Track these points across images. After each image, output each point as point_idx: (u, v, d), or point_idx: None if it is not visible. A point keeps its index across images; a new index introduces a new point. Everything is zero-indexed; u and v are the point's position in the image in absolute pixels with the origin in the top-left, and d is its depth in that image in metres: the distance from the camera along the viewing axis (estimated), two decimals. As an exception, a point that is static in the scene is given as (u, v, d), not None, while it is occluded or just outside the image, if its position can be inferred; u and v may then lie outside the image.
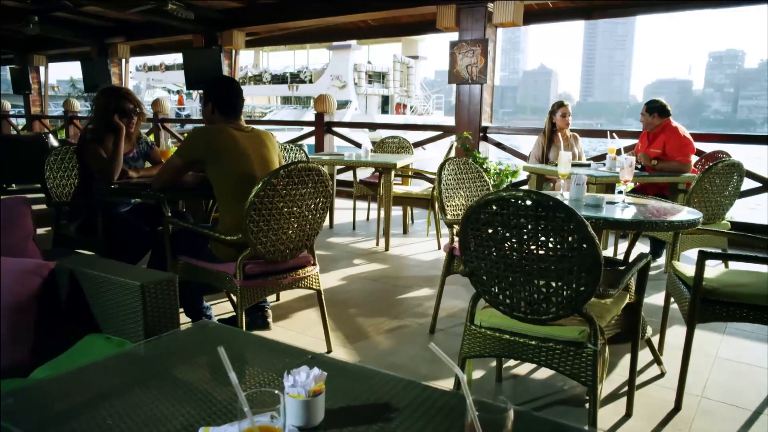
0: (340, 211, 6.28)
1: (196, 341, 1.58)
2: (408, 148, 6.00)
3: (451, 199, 3.03)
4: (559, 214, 1.65)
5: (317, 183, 2.50)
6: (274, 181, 2.33)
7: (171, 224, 2.70)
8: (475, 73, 6.72)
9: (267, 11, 8.70)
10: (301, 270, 2.65)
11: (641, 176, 4.29)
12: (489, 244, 1.81)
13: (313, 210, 2.56)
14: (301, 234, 2.57)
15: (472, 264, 1.90)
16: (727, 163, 3.61)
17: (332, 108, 8.45)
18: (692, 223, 2.23)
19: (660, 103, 4.59)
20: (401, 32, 10.45)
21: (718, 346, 2.94)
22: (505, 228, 1.75)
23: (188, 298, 2.79)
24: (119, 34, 10.92)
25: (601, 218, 2.18)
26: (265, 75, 31.84)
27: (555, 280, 1.74)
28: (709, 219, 3.71)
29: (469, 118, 6.89)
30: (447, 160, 3.08)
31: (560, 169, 2.66)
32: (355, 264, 4.44)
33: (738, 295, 2.21)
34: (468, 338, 2.01)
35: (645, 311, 3.45)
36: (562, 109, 4.97)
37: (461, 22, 6.79)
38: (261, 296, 2.52)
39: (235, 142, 2.56)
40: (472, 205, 1.79)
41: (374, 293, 3.75)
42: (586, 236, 1.65)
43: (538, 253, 1.73)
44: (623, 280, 1.86)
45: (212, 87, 2.69)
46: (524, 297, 1.82)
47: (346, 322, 3.23)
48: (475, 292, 1.96)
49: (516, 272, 1.80)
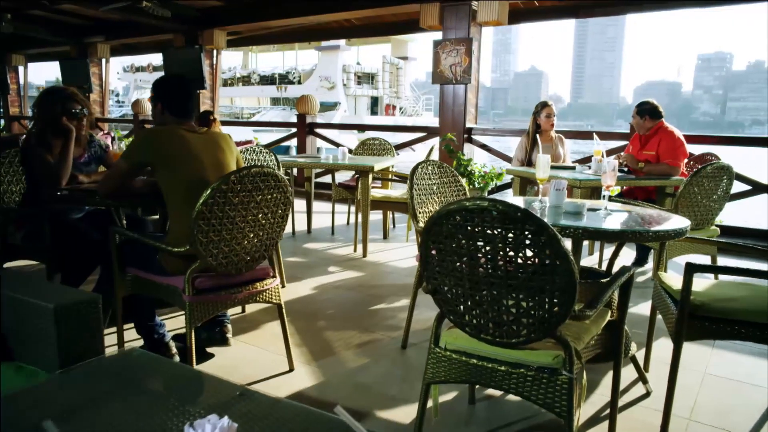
0: (320, 215, 6.07)
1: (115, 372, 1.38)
2: (390, 150, 5.80)
3: (425, 204, 2.84)
4: (528, 226, 1.46)
5: (274, 189, 2.30)
6: (224, 187, 2.13)
7: (117, 234, 2.49)
8: (459, 73, 6.54)
9: (248, 10, 8.50)
10: (258, 283, 2.45)
11: (628, 180, 4.12)
12: (453, 259, 1.62)
13: (270, 218, 2.36)
14: (258, 244, 2.36)
15: (435, 281, 1.70)
16: (716, 166, 3.45)
17: (314, 109, 8.24)
18: (679, 232, 2.05)
19: (651, 105, 4.41)
20: (386, 31, 10.28)
21: (707, 362, 2.76)
22: (470, 241, 1.56)
23: (138, 313, 2.58)
24: (98, 34, 10.67)
25: (581, 228, 1.99)
26: (254, 76, 31.52)
27: (526, 299, 1.55)
28: (698, 224, 3.55)
29: (453, 119, 6.72)
30: (420, 164, 2.89)
31: (538, 173, 2.47)
32: (329, 272, 4.24)
33: (729, 310, 2.04)
34: (432, 362, 1.82)
35: (630, 322, 3.27)
36: (547, 109, 4.80)
37: (445, 20, 6.62)
38: (212, 312, 2.31)
39: (187, 145, 2.36)
40: (432, 215, 1.60)
41: (347, 303, 3.55)
42: (558, 251, 1.46)
43: (506, 270, 1.54)
44: (602, 298, 1.67)
45: (161, 86, 2.48)
46: (492, 318, 1.62)
47: (314, 336, 3.02)
48: (439, 311, 1.77)
49: (483, 291, 1.60)
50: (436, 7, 6.63)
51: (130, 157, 2.37)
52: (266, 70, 31.97)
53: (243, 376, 2.52)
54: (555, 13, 7.23)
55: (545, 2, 7.03)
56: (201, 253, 2.17)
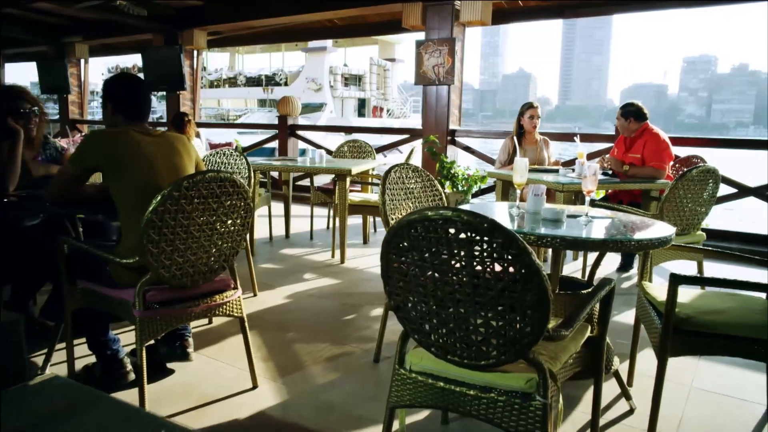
0: (300, 219, 5.91)
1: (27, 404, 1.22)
2: (370, 152, 5.66)
3: (398, 210, 2.69)
4: (496, 238, 1.32)
5: (233, 195, 2.15)
6: (175, 194, 1.97)
7: (65, 243, 2.31)
8: (442, 73, 6.41)
9: (228, 9, 8.32)
10: (218, 296, 2.29)
11: (612, 183, 4.01)
12: (415, 274, 1.48)
13: (229, 226, 2.20)
14: (216, 254, 2.21)
15: (397, 297, 1.56)
16: (702, 169, 3.33)
17: (296, 111, 8.09)
18: (663, 241, 1.92)
19: (636, 107, 4.29)
20: (369, 32, 10.15)
21: (694, 374, 2.64)
22: (434, 255, 1.42)
23: (90, 328, 2.41)
24: (77, 33, 10.43)
25: (558, 237, 1.85)
26: (240, 77, 31.22)
27: (495, 318, 1.41)
28: (684, 229, 3.44)
29: (436, 121, 6.59)
30: (394, 167, 2.74)
31: (516, 178, 2.33)
32: (305, 279, 4.08)
33: (716, 324, 1.91)
34: (396, 384, 1.67)
35: (614, 332, 3.16)
36: (531, 110, 4.67)
37: (428, 20, 6.49)
38: (166, 328, 2.14)
39: (138, 148, 2.20)
40: (392, 225, 1.45)
41: (320, 313, 3.40)
42: (529, 266, 1.32)
43: (473, 286, 1.40)
44: (579, 316, 1.53)
45: (111, 86, 2.31)
46: (459, 338, 1.48)
47: (282, 349, 2.87)
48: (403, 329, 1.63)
49: (449, 308, 1.46)
50: (418, 6, 6.50)
51: (77, 161, 2.20)
52: (252, 71, 31.69)
53: (202, 395, 2.35)
54: (540, 13, 7.12)
55: (530, 2, 6.92)
56: (152, 265, 2.01)
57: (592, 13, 6.76)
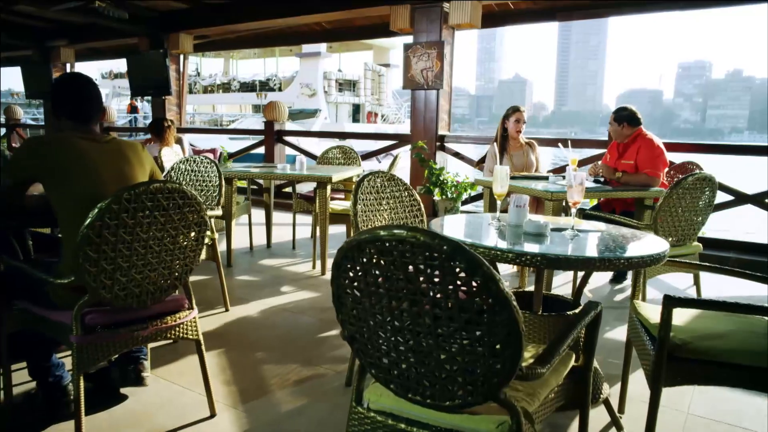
0: (284, 228, 5.71)
1: None
2: (355, 159, 5.46)
3: (371, 221, 2.50)
4: (458, 263, 1.12)
5: (183, 208, 1.95)
6: (115, 207, 1.77)
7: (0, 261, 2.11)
8: (430, 77, 6.24)
9: (214, 13, 8.14)
10: (169, 317, 2.09)
11: (603, 191, 3.82)
12: (371, 301, 1.28)
13: (181, 241, 2.01)
14: (166, 273, 2.01)
15: (351, 326, 1.36)
16: (698, 177, 3.16)
17: (283, 116, 7.89)
18: (655, 259, 1.73)
19: (629, 111, 4.11)
20: (358, 35, 9.98)
21: (690, 399, 2.44)
22: (389, 280, 1.22)
23: (30, 352, 2.20)
24: (61, 37, 10.23)
25: (539, 255, 1.66)
26: (234, 83, 30.97)
27: (460, 353, 1.22)
28: (679, 240, 3.26)
29: (425, 126, 6.41)
30: (367, 175, 2.55)
31: (496, 188, 2.14)
32: (282, 292, 3.88)
33: (715, 351, 1.72)
34: (354, 424, 1.47)
35: (605, 350, 2.96)
36: (517, 114, 4.48)
37: (416, 23, 6.32)
38: (108, 355, 1.94)
39: (81, 155, 2.00)
40: (342, 246, 1.26)
41: (294, 330, 3.20)
42: (497, 296, 1.12)
43: (435, 317, 1.20)
44: (559, 350, 1.34)
45: (57, 87, 2.12)
46: (421, 374, 1.29)
47: (249, 370, 2.66)
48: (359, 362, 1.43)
49: (408, 341, 1.27)
50: (406, 8, 6.33)
51: (11, 171, 2.00)
52: (247, 77, 31.48)
53: (153, 426, 2.15)
54: (531, 16, 6.96)
55: (521, 4, 6.76)
56: (90, 285, 1.81)
57: (584, 16, 6.59)
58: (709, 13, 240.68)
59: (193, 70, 34.88)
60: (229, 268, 4.40)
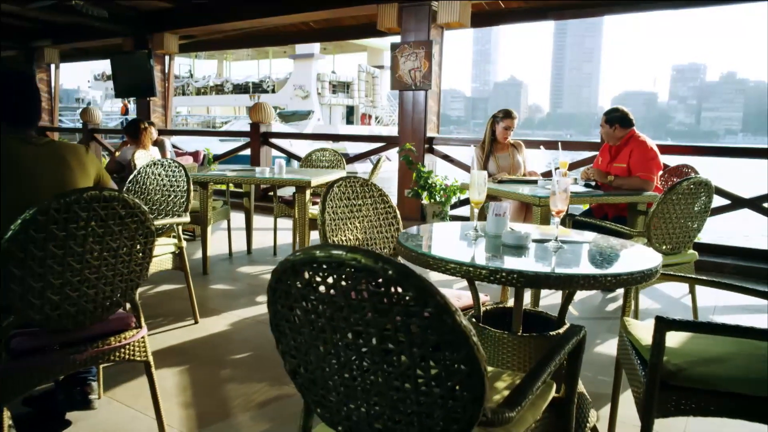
0: (267, 232, 5.51)
1: None
2: (340, 162, 5.28)
3: (341, 231, 2.31)
4: (406, 290, 0.94)
5: (125, 218, 1.76)
6: (41, 218, 1.57)
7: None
8: (418, 78, 6.06)
9: (199, 12, 7.96)
10: (112, 338, 1.89)
11: (594, 196, 3.64)
12: (312, 331, 1.09)
13: (124, 255, 1.81)
14: (108, 289, 1.81)
15: (293, 360, 1.18)
16: (694, 182, 2.98)
17: (269, 117, 7.70)
18: (647, 275, 1.54)
19: (621, 113, 3.93)
20: (346, 35, 9.82)
21: (685, 425, 2.26)
22: (330, 308, 1.03)
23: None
24: (45, 37, 10.02)
25: (515, 272, 1.47)
26: (227, 85, 30.79)
27: (414, 394, 1.03)
28: (673, 248, 3.08)
29: (413, 128, 6.23)
30: (337, 181, 2.36)
31: (472, 195, 1.96)
32: (256, 302, 3.68)
33: (712, 379, 1.54)
34: (300, 470, 1.28)
35: (595, 366, 2.77)
36: (508, 120, 4.29)
37: (404, 22, 6.14)
38: (39, 382, 1.74)
39: (15, 161, 1.81)
40: (276, 268, 1.07)
41: (265, 344, 3.00)
42: (454, 330, 0.94)
43: (383, 352, 1.02)
44: (532, 388, 1.15)
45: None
46: (373, 417, 1.10)
47: (212, 390, 2.47)
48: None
49: (356, 378, 1.08)
50: (394, 7, 6.16)
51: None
52: (240, 78, 31.29)
53: (97, 457, 1.95)
54: (522, 15, 6.79)
55: (512, 3, 6.59)
56: (14, 305, 1.62)
57: (576, 15, 6.43)
58: (703, 15, 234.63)
59: (186, 71, 34.67)
60: (205, 277, 4.20)
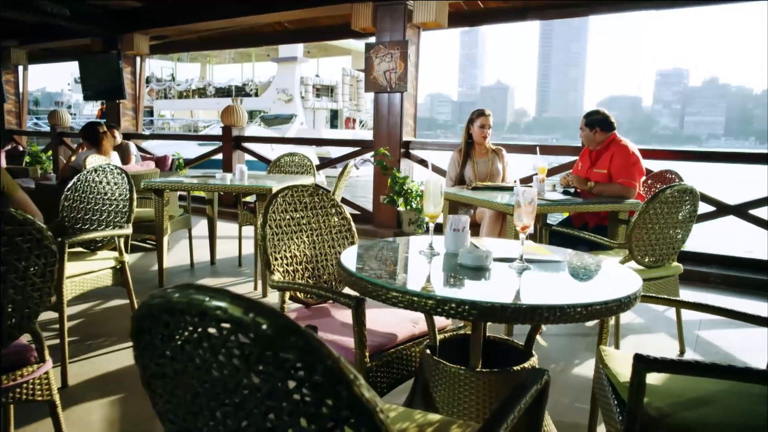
0: (232, 242, 5.24)
1: None
2: (309, 167, 5.02)
3: (287, 247, 2.05)
4: (287, 353, 0.69)
5: (14, 237, 1.49)
6: None
7: None
8: (394, 79, 5.83)
9: (170, 12, 7.69)
10: (4, 376, 1.62)
11: (573, 204, 3.42)
12: (186, 396, 0.84)
13: (16, 279, 1.55)
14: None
15: (172, 426, 0.92)
16: (678, 189, 2.77)
17: (242, 121, 7.44)
18: (624, 304, 1.31)
19: (601, 115, 3.71)
20: (321, 36, 9.58)
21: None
22: (201, 369, 0.78)
23: None
24: (12, 37, 9.67)
25: (467, 303, 1.22)
26: (209, 88, 30.38)
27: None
28: (656, 261, 2.86)
29: (388, 132, 5.99)
30: (282, 190, 2.11)
31: (427, 207, 1.71)
32: (211, 320, 3.41)
33: (700, 425, 1.30)
34: None
35: (572, 390, 2.52)
36: (482, 119, 4.07)
37: (378, 21, 5.92)
38: None
39: None
40: (136, 313, 0.82)
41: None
42: (353, 405, 0.69)
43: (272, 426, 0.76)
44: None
45: None
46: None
47: (143, 424, 2.20)
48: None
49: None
50: (368, 7, 5.94)
51: None
52: (222, 82, 30.91)
53: None
54: (502, 16, 6.58)
55: (490, 3, 6.38)
56: None
57: (556, 15, 6.24)
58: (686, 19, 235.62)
59: (168, 74, 34.22)
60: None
